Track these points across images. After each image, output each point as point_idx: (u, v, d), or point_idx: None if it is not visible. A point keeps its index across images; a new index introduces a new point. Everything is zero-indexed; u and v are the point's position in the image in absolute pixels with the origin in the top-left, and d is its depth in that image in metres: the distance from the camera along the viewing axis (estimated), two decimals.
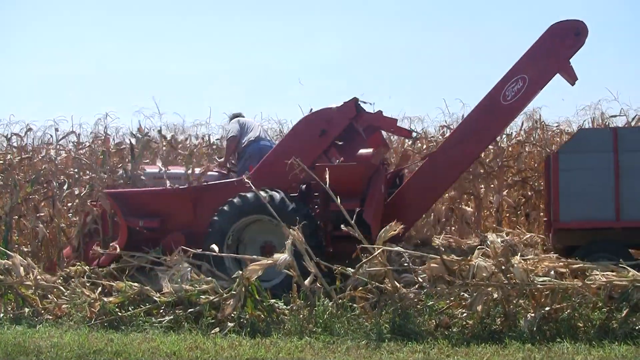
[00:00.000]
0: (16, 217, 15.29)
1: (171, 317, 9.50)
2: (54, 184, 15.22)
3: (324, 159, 11.70)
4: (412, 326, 8.70)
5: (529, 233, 13.24)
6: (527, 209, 15.05)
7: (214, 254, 10.37)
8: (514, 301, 8.71)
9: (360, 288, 9.32)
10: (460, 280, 8.88)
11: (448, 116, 16.82)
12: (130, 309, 9.83)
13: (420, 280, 9.18)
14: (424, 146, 15.96)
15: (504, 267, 8.78)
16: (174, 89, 38.52)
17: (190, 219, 12.06)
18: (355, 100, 11.77)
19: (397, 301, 8.91)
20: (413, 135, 14.73)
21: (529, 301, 8.73)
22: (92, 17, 42.16)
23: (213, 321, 9.30)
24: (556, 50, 11.32)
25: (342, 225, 9.94)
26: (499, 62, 38.56)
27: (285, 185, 11.33)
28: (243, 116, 13.58)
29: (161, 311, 9.73)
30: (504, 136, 15.63)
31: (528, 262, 9.23)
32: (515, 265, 8.76)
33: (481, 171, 14.76)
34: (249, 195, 11.18)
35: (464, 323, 8.76)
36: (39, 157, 17.07)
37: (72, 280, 10.99)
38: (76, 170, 15.13)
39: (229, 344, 8.48)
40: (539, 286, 8.69)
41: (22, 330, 9.62)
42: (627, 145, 10.52)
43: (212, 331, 9.08)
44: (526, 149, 15.79)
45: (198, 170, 12.82)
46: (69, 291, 10.61)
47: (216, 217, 11.36)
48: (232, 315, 9.25)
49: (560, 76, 11.48)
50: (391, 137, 15.31)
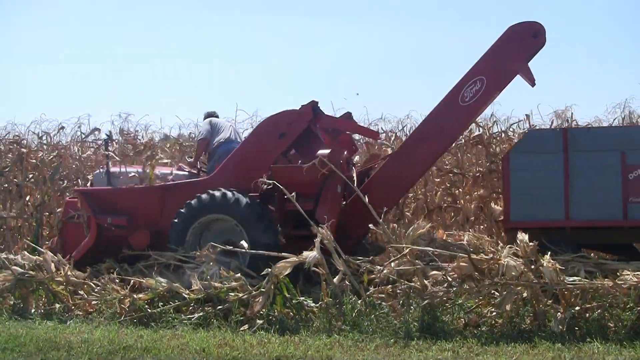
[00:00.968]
0: (47, 213, 15.44)
1: (200, 314, 9.54)
2: (80, 182, 15.39)
3: (284, 160, 12.08)
4: (440, 324, 8.69)
5: None
6: None
7: (244, 250, 10.40)
8: (544, 300, 8.67)
9: (389, 286, 9.33)
10: (489, 279, 8.87)
11: None
12: (159, 305, 9.88)
13: (449, 278, 9.16)
14: None
15: (533, 267, 8.76)
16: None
17: (157, 217, 12.32)
18: (314, 103, 11.95)
19: (425, 299, 8.90)
20: (382, 136, 14.71)
21: (558, 301, 8.69)
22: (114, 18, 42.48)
23: (242, 318, 9.34)
24: (514, 51, 11.39)
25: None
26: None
27: (248, 185, 11.53)
28: (217, 116, 13.88)
29: (190, 308, 9.77)
30: None
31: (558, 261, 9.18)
32: (544, 265, 8.72)
33: None
34: (204, 196, 11.53)
35: (493, 322, 8.73)
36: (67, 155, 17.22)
37: (102, 276, 11.07)
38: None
39: (258, 341, 8.51)
40: (569, 286, 8.65)
41: (53, 326, 9.70)
42: (577, 145, 10.66)
43: (241, 328, 9.12)
44: None
45: (166, 170, 13.30)
46: (99, 287, 10.69)
47: (175, 218, 11.66)
48: (261, 312, 9.28)
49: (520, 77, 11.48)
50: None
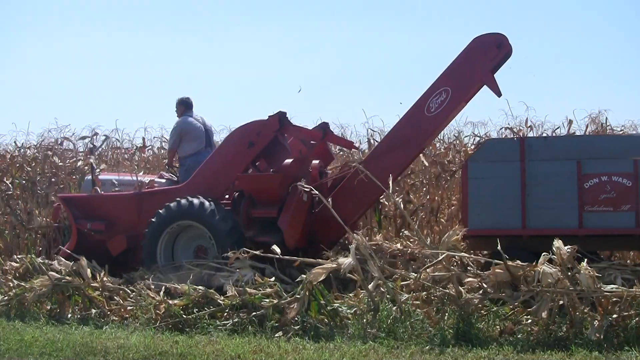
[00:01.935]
0: None
1: (235, 320, 9.54)
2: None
3: (253, 169, 12.55)
4: (476, 332, 8.63)
5: None
6: None
7: (277, 256, 10.42)
8: (580, 308, 8.59)
9: (424, 292, 9.30)
10: (525, 286, 8.81)
11: (512, 119, 16.71)
12: (194, 311, 9.90)
13: (485, 285, 9.12)
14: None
15: (569, 273, 8.69)
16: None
17: (134, 223, 12.77)
18: (280, 114, 12.22)
19: (460, 306, 8.86)
20: (358, 146, 14.93)
21: (595, 308, 8.61)
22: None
23: (277, 324, 9.33)
24: (478, 62, 11.53)
25: None
26: (564, 63, 38.08)
27: (219, 193, 12.35)
28: (190, 104, 13.86)
29: (225, 314, 9.79)
30: None
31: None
32: (581, 272, 8.65)
33: None
34: (172, 204, 12.04)
35: (529, 329, 8.65)
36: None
37: (137, 282, 11.14)
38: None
39: (292, 347, 8.50)
40: (606, 293, 8.57)
41: (90, 331, 9.76)
42: (533, 155, 10.74)
43: (276, 334, 9.11)
44: None
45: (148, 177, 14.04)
46: (134, 293, 10.75)
47: (147, 228, 12.17)
48: (296, 318, 9.28)
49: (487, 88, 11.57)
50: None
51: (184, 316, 9.82)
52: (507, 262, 8.91)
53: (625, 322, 8.41)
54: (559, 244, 8.77)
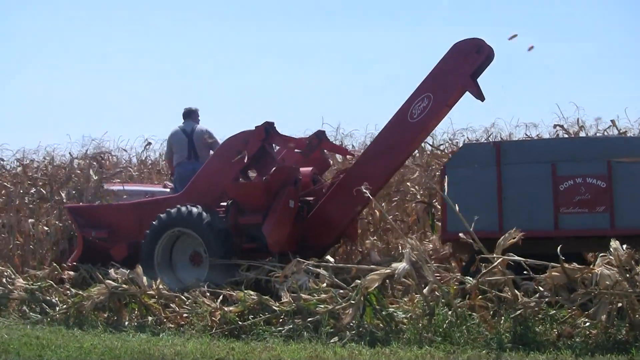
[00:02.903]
0: None
1: (290, 326, 9.57)
2: None
3: (243, 177, 13.01)
4: (533, 335, 8.55)
5: None
6: None
7: (332, 264, 10.45)
8: None
9: (480, 297, 9.24)
10: (583, 289, 8.71)
11: (563, 120, 16.53)
12: (250, 318, 9.95)
13: (541, 288, 9.03)
14: None
15: (628, 275, 8.56)
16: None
17: (134, 231, 13.21)
18: (266, 124, 12.69)
19: (517, 310, 8.78)
20: (354, 154, 14.84)
21: None
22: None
23: (332, 330, 9.32)
24: (458, 68, 11.68)
25: None
26: (611, 64, 37.62)
27: (212, 200, 12.79)
28: (194, 113, 14.40)
29: (280, 320, 9.83)
30: None
31: None
32: None
33: None
34: (166, 213, 12.52)
35: (587, 332, 8.54)
36: None
37: (192, 290, 11.22)
38: None
39: (348, 353, 8.48)
40: None
41: (146, 338, 9.85)
42: (508, 158, 10.78)
43: (331, 340, 9.10)
44: None
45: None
46: (190, 300, 10.82)
47: (145, 235, 12.66)
48: (351, 324, 9.27)
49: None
50: None
51: (240, 323, 9.88)
52: (564, 265, 8.81)
53: None
54: (616, 244, 8.65)
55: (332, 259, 10.49)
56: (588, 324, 8.59)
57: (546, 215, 10.39)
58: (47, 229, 16.10)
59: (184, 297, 10.97)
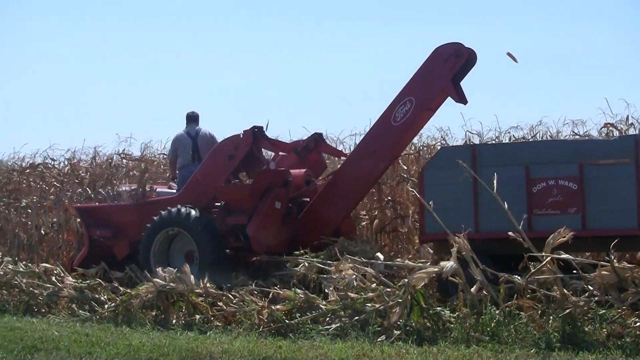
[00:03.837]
0: None
1: (337, 324, 9.57)
2: None
3: (234, 179, 13.69)
4: (582, 335, 8.47)
5: None
6: None
7: (380, 262, 10.46)
8: None
9: (528, 296, 9.17)
10: (633, 288, 8.61)
11: (611, 117, 16.33)
12: (297, 316, 9.99)
13: (590, 287, 8.94)
14: None
15: None
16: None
17: (136, 230, 13.79)
18: (254, 128, 13.30)
19: (566, 309, 8.70)
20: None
21: None
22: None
23: (379, 329, 9.30)
24: (439, 72, 12.03)
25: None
26: None
27: (206, 202, 13.44)
28: (196, 117, 14.82)
29: (327, 319, 9.83)
30: None
31: None
32: None
33: None
34: (163, 212, 13.19)
35: (638, 332, 8.43)
36: None
37: (240, 288, 11.28)
38: None
39: (396, 351, 8.46)
40: None
41: (194, 336, 9.90)
42: (484, 161, 11.15)
43: (379, 339, 9.08)
44: None
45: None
46: (237, 299, 10.87)
47: (144, 232, 13.36)
48: (399, 322, 9.25)
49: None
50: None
51: (287, 321, 9.91)
52: (614, 264, 8.73)
53: None
54: None
55: (381, 256, 10.48)
56: (638, 323, 8.50)
57: (520, 216, 10.35)
58: None
59: (231, 296, 11.03)
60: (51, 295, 12.41)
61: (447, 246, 10.20)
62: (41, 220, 17.56)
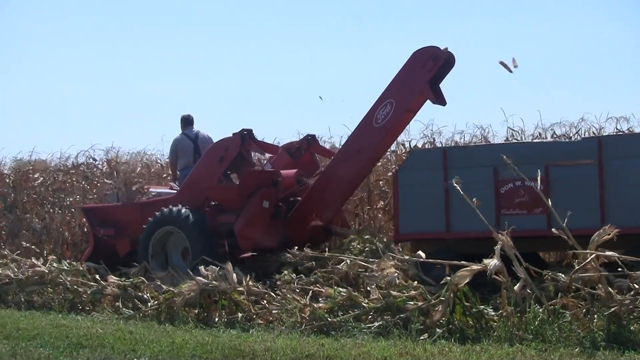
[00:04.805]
0: None
1: (380, 322, 9.56)
2: None
3: (226, 179, 14.33)
4: (628, 334, 8.37)
5: None
6: None
7: (422, 259, 10.43)
8: None
9: (572, 294, 9.08)
10: None
11: None
12: (339, 314, 9.98)
13: (636, 286, 8.83)
14: None
15: None
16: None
17: (137, 228, 14.39)
18: (242, 131, 13.90)
19: (611, 308, 8.60)
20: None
21: None
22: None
23: (421, 327, 9.28)
24: (416, 74, 12.42)
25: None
26: None
27: (200, 202, 14.03)
28: (191, 120, 15.58)
29: (369, 317, 9.82)
30: None
31: None
32: None
33: None
34: (159, 212, 13.92)
35: None
36: None
37: (282, 286, 11.32)
38: None
39: (439, 350, 8.43)
40: None
41: (237, 334, 9.95)
42: (454, 163, 11.58)
43: (421, 337, 9.06)
44: None
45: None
46: (279, 297, 10.91)
47: (143, 229, 14.05)
48: (441, 321, 9.22)
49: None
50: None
51: (329, 319, 9.91)
52: None
53: None
54: None
55: (423, 254, 10.45)
56: None
57: (489, 217, 10.70)
58: None
59: (273, 294, 11.06)
60: (95, 293, 12.56)
61: (422, 245, 11.05)
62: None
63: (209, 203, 14.07)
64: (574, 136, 16.24)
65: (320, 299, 10.56)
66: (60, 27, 45.44)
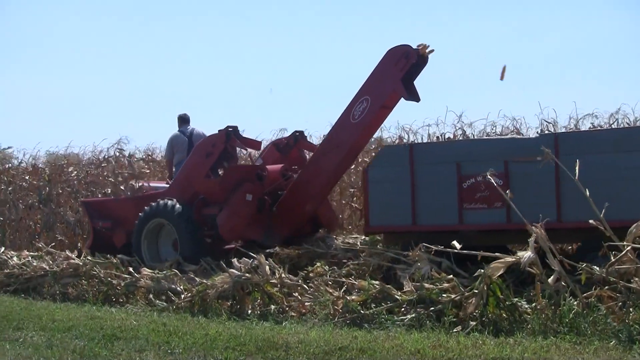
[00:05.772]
0: None
1: (413, 315, 9.53)
2: None
3: (213, 174, 14.57)
4: None
5: None
6: None
7: (455, 250, 10.38)
8: None
9: (607, 287, 9.01)
10: None
11: None
12: (372, 306, 9.97)
13: None
14: None
15: None
16: None
17: (133, 221, 15.01)
18: (227, 128, 14.29)
19: None
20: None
21: None
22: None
23: (455, 320, 9.25)
24: (389, 72, 12.74)
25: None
26: None
27: (189, 195, 14.58)
28: (188, 119, 16.37)
29: (402, 309, 9.80)
30: None
31: None
32: None
33: None
34: (150, 205, 14.68)
35: None
36: None
37: (315, 279, 11.33)
38: None
39: (472, 342, 8.40)
40: None
41: (270, 327, 9.98)
42: (420, 159, 11.99)
43: (454, 329, 9.03)
44: None
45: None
46: (312, 289, 10.92)
47: (136, 222, 14.80)
48: (474, 313, 9.18)
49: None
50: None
51: (362, 311, 9.91)
52: None
53: None
54: None
55: (457, 244, 10.41)
56: None
57: (452, 210, 11.55)
58: None
59: (306, 286, 11.08)
60: (129, 286, 12.65)
61: (393, 238, 12.01)
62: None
63: (198, 196, 14.62)
64: (609, 127, 16.13)
65: (353, 291, 10.56)
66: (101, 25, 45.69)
